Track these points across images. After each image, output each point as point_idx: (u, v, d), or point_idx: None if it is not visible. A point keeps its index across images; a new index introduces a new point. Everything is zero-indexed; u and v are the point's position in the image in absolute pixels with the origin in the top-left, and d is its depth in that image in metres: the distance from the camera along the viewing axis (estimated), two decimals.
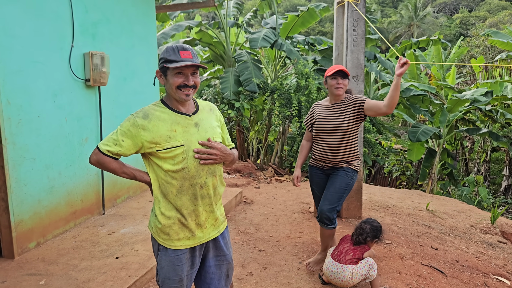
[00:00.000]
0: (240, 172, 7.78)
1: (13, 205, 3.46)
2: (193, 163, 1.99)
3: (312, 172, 3.54)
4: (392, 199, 6.19)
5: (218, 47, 9.67)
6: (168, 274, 2.05)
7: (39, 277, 3.17)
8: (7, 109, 3.37)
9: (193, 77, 1.96)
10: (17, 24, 3.44)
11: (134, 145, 1.96)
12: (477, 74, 13.95)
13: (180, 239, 2.04)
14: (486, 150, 13.05)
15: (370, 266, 3.09)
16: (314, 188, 3.56)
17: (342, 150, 3.33)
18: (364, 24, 4.45)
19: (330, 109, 3.40)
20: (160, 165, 1.98)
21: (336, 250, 3.18)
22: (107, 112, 4.61)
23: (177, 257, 2.04)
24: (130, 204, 4.96)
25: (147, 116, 1.96)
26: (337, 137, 3.31)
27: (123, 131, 1.96)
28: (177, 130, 1.97)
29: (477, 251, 4.52)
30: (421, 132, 8.88)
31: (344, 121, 3.30)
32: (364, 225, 3.17)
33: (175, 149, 1.95)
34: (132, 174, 2.07)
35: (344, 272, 3.02)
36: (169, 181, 1.99)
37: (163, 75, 1.99)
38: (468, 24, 37.40)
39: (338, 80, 3.27)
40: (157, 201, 2.05)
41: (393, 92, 2.99)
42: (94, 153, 1.99)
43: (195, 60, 1.94)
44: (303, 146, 3.64)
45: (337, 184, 3.33)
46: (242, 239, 4.25)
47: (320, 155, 3.41)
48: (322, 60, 8.93)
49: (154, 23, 5.51)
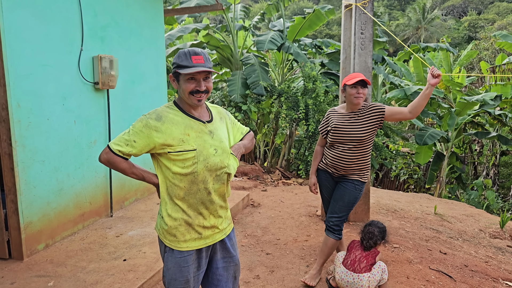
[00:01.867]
0: (247, 175, 7.78)
1: (23, 207, 3.50)
2: (203, 168, 1.99)
3: (321, 176, 3.50)
4: (400, 202, 6.15)
5: (226, 50, 9.70)
6: (174, 275, 2.05)
7: (47, 279, 3.19)
8: (17, 112, 3.41)
9: (205, 82, 1.96)
10: (27, 28, 3.48)
11: (146, 146, 1.96)
12: (486, 77, 13.85)
13: (187, 240, 2.05)
14: (495, 154, 12.93)
15: (383, 270, 3.07)
16: (324, 191, 3.52)
17: (356, 160, 3.27)
18: (372, 27, 4.44)
19: (346, 117, 3.30)
20: (169, 167, 1.99)
21: (348, 259, 3.11)
22: (115, 115, 4.64)
23: (184, 258, 2.05)
24: (137, 207, 4.99)
25: (160, 118, 1.97)
26: (353, 146, 3.24)
27: (135, 131, 1.95)
28: (190, 134, 1.98)
29: (486, 255, 4.47)
30: (428, 135, 8.82)
31: (361, 130, 3.22)
32: (371, 229, 3.14)
33: (187, 153, 1.96)
34: (141, 175, 2.07)
35: (362, 281, 2.98)
36: (177, 184, 1.99)
37: (176, 80, 2.00)
38: (476, 26, 37.16)
39: (358, 89, 3.18)
40: (164, 203, 2.05)
41: (422, 101, 2.99)
42: (105, 152, 1.99)
43: (207, 64, 1.93)
44: (317, 152, 3.56)
45: (345, 198, 3.29)
46: (249, 242, 4.25)
47: (332, 162, 3.34)
48: (330, 63, 8.93)
49: (162, 26, 5.55)
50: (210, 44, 9.45)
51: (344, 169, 3.30)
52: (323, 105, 7.84)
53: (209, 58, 2.00)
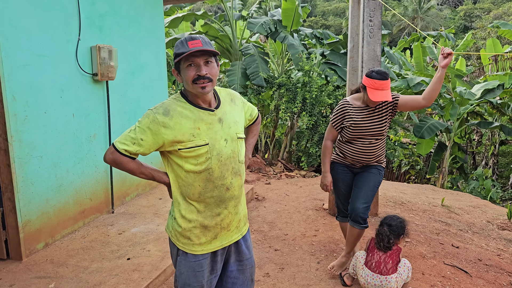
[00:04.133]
0: (250, 167, 7.63)
1: (20, 205, 3.34)
2: (217, 163, 1.83)
3: (338, 169, 3.31)
4: (406, 194, 6.04)
5: (225, 41, 9.49)
6: (188, 280, 1.90)
7: (48, 280, 3.05)
8: (13, 105, 3.23)
9: (206, 67, 1.76)
10: (22, 17, 3.29)
11: (154, 144, 1.79)
12: (486, 67, 13.72)
13: (202, 243, 1.89)
14: (494, 143, 12.87)
15: (409, 268, 2.95)
16: (341, 186, 3.32)
17: (377, 151, 3.16)
18: (381, 14, 4.28)
19: (365, 111, 3.11)
20: (181, 165, 1.82)
21: (371, 261, 2.95)
22: (115, 108, 4.47)
23: (198, 262, 1.90)
24: (139, 202, 4.83)
25: (168, 113, 1.79)
26: (374, 140, 3.12)
27: (142, 128, 1.78)
28: (201, 127, 1.80)
29: (498, 248, 4.37)
30: (427, 128, 8.55)
31: (380, 124, 3.09)
32: (381, 229, 2.98)
33: (199, 149, 1.79)
34: (151, 174, 1.91)
35: (390, 283, 2.84)
36: (191, 183, 1.83)
37: (178, 72, 1.83)
38: (472, 16, 36.99)
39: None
40: (177, 203, 1.89)
41: (436, 85, 2.82)
42: (110, 151, 1.82)
43: (205, 47, 1.74)
44: (327, 148, 3.29)
45: (371, 182, 3.16)
46: (256, 238, 4.12)
47: (353, 156, 3.18)
48: (331, 54, 8.74)
49: (162, 15, 5.35)
50: (209, 34, 9.25)
51: (367, 161, 3.19)
52: (323, 97, 7.69)
53: (209, 42, 1.80)
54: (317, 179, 6.83)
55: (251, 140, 2.28)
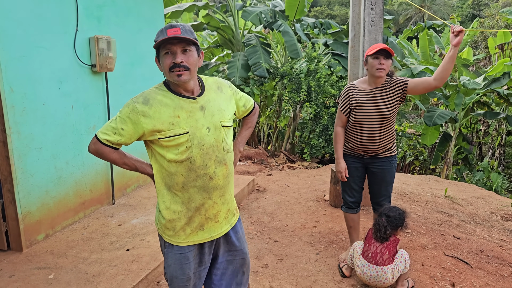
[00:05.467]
0: (252, 159, 7.62)
1: (20, 197, 3.35)
2: (199, 152, 1.80)
3: (347, 160, 3.23)
4: (409, 185, 6.00)
5: (227, 31, 9.42)
6: (175, 272, 1.89)
7: (48, 271, 3.06)
8: (10, 97, 3.22)
9: (183, 55, 1.72)
10: (18, 7, 3.27)
11: (135, 133, 1.78)
12: (493, 56, 13.53)
13: (187, 235, 1.88)
14: (501, 134, 12.72)
15: (406, 259, 2.92)
16: (350, 178, 3.24)
17: (385, 137, 3.08)
18: (382, 2, 4.21)
19: (370, 94, 3.05)
20: (163, 155, 1.80)
21: (368, 251, 2.94)
22: (114, 99, 4.45)
23: (184, 254, 1.88)
24: (140, 193, 4.84)
25: (147, 101, 1.77)
26: (380, 124, 3.03)
27: (123, 118, 1.77)
28: (181, 115, 1.77)
29: (500, 239, 4.33)
30: (437, 116, 8.57)
31: (387, 108, 3.00)
32: (379, 219, 2.95)
33: (179, 137, 1.76)
34: (134, 165, 1.90)
35: (386, 274, 2.83)
36: (174, 172, 1.81)
37: (159, 60, 1.80)
38: (480, 4, 36.39)
39: (380, 60, 2.91)
40: (161, 195, 1.87)
41: (448, 64, 2.74)
42: (93, 142, 1.81)
43: (183, 35, 1.69)
44: (338, 134, 3.21)
45: (388, 178, 3.15)
46: (256, 229, 4.11)
47: (360, 144, 3.11)
48: (334, 43, 8.65)
49: (161, 5, 5.31)
50: (211, 25, 9.18)
51: (376, 149, 3.12)
52: (327, 86, 7.62)
53: (190, 30, 1.75)
54: (319, 171, 6.80)
55: (245, 132, 2.24)
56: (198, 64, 1.80)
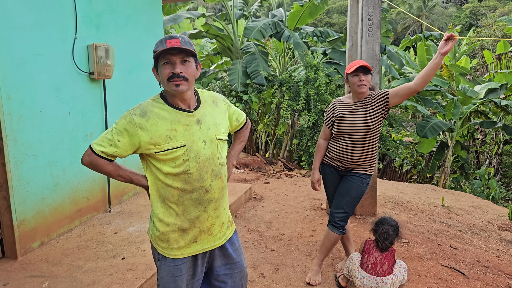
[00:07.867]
0: (249, 166, 7.61)
1: (15, 204, 3.33)
2: (196, 165, 1.80)
3: (326, 170, 3.29)
4: (406, 194, 6.00)
5: (226, 39, 9.46)
6: (167, 285, 1.88)
7: (42, 279, 3.04)
8: (8, 104, 3.22)
9: (182, 66, 1.74)
10: (17, 15, 3.28)
11: (131, 146, 1.77)
12: (490, 66, 13.60)
13: (181, 247, 1.87)
14: (498, 143, 12.76)
15: (405, 270, 2.92)
16: (329, 186, 3.30)
17: (363, 152, 3.07)
18: (380, 13, 4.24)
19: (353, 106, 3.09)
20: (159, 168, 1.80)
21: (367, 262, 2.92)
22: (112, 107, 4.46)
23: (177, 267, 1.87)
24: (137, 201, 4.83)
25: (145, 114, 1.77)
26: (360, 137, 3.04)
27: (119, 130, 1.76)
28: (178, 129, 1.78)
29: (497, 249, 4.33)
30: (430, 127, 8.49)
31: (368, 120, 3.01)
32: (385, 228, 2.92)
33: (175, 151, 1.76)
34: (129, 177, 1.89)
35: (386, 285, 2.82)
36: (169, 185, 1.80)
37: (157, 71, 1.81)
38: (478, 14, 36.70)
39: (360, 77, 2.97)
40: (155, 206, 1.86)
41: (430, 71, 2.72)
42: (87, 153, 1.79)
43: (183, 46, 1.71)
44: (320, 146, 3.30)
45: (352, 193, 3.10)
46: (252, 238, 4.10)
47: (338, 154, 3.13)
48: (332, 52, 8.69)
49: (160, 13, 5.33)
50: (210, 33, 9.22)
51: (351, 162, 3.10)
52: (325, 95, 7.64)
53: (189, 42, 1.78)
54: None
55: (237, 146, 2.25)
56: (196, 75, 1.82)
